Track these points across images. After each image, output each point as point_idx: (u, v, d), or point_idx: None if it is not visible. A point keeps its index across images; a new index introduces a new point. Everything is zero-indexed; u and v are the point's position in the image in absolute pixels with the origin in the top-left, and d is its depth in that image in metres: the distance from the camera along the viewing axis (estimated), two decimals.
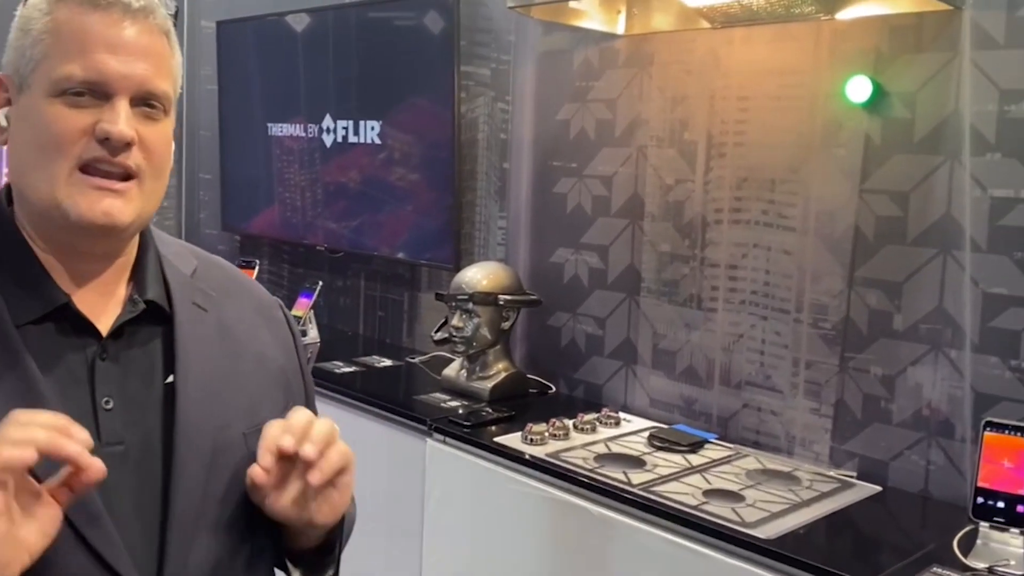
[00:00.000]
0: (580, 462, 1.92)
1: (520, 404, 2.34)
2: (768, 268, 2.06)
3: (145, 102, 0.88)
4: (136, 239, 0.96)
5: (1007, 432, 1.54)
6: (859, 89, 1.86)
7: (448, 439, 2.12)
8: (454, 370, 2.47)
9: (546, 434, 2.05)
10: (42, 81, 0.85)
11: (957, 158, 1.76)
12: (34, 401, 0.81)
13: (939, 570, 1.47)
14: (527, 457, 1.95)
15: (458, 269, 2.53)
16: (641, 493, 1.75)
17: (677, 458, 1.98)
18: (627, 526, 1.74)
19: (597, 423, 2.17)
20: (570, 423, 2.12)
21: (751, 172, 2.08)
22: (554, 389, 2.50)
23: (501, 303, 2.35)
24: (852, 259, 1.92)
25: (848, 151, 1.91)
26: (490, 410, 2.26)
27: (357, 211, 3.00)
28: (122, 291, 0.94)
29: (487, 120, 2.67)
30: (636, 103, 2.29)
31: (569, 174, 2.45)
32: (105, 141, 0.85)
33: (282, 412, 0.92)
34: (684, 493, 1.77)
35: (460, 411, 2.25)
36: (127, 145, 0.86)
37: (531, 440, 2.02)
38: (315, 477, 0.86)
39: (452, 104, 2.60)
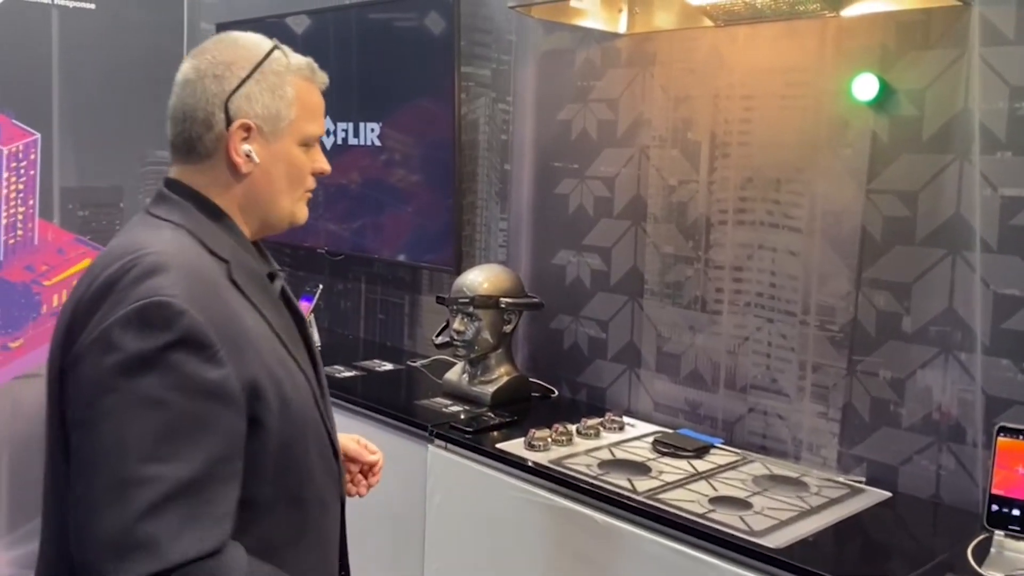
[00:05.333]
0: (584, 469, 1.89)
1: (522, 408, 2.31)
2: (774, 270, 2.03)
3: None
4: None
5: (1021, 438, 1.51)
6: (866, 87, 1.82)
7: (450, 445, 2.09)
8: (456, 374, 2.44)
9: (549, 440, 2.01)
10: (295, 134, 1.22)
11: (967, 157, 1.73)
12: (291, 327, 1.25)
13: None
14: (530, 464, 1.91)
15: (459, 272, 2.50)
16: (646, 501, 1.72)
17: (682, 464, 1.95)
18: (632, 535, 1.71)
19: (601, 428, 2.14)
20: (573, 428, 2.09)
21: (756, 172, 2.05)
22: (556, 393, 2.47)
23: (502, 306, 2.32)
24: (859, 260, 1.89)
25: (855, 150, 1.88)
26: (492, 415, 2.22)
27: (358, 213, 2.97)
28: None
29: (488, 121, 2.64)
30: (638, 103, 2.25)
31: (571, 175, 2.42)
32: (318, 174, 1.27)
33: None
34: (690, 501, 1.73)
35: (462, 416, 2.22)
36: None
37: (534, 446, 1.99)
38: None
39: (452, 105, 2.57)
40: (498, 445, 2.01)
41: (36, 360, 3.53)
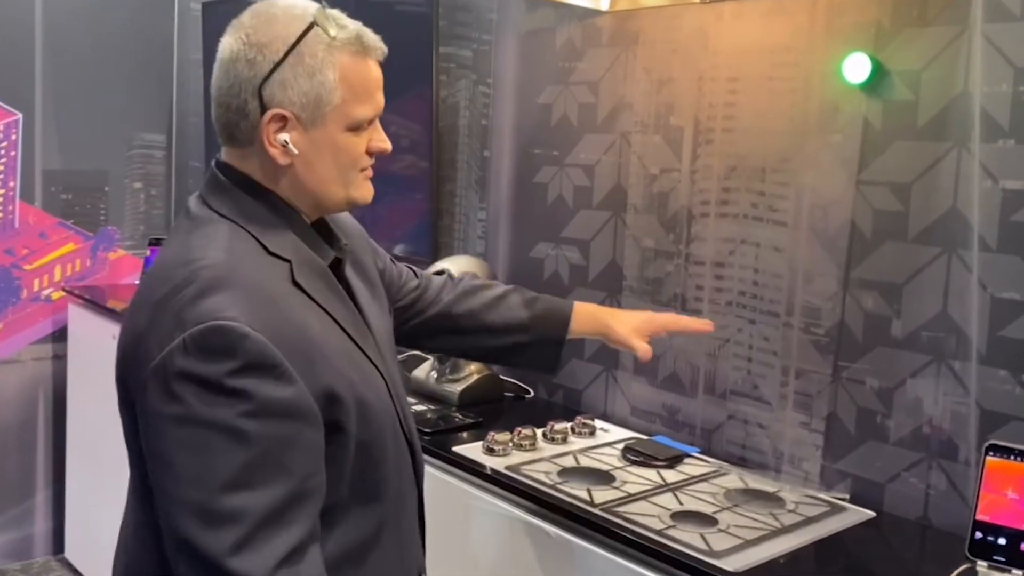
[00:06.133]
0: (542, 476, 1.75)
1: (492, 409, 2.17)
2: (757, 266, 1.87)
3: None
4: None
5: (1013, 457, 1.35)
6: (857, 68, 1.66)
7: None
8: (424, 371, 2.30)
9: (510, 444, 1.87)
10: (341, 119, 1.10)
11: (965, 145, 1.56)
12: (356, 318, 1.16)
13: None
14: (486, 470, 1.78)
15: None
16: (600, 514, 1.58)
17: (651, 474, 1.80)
18: (585, 550, 1.57)
19: (570, 432, 1.99)
20: (539, 432, 1.95)
21: (740, 160, 1.90)
22: (532, 394, 2.33)
23: None
24: (848, 258, 1.73)
25: (845, 137, 1.72)
26: (458, 416, 2.09)
27: None
28: None
29: (468, 105, 2.50)
30: (620, 85, 2.11)
31: (551, 162, 2.28)
32: (377, 153, 1.16)
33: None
34: (650, 515, 1.59)
35: (427, 416, 2.09)
36: None
37: (492, 450, 1.85)
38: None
39: (431, 88, 2.43)
40: (455, 448, 1.88)
41: (15, 345, 3.45)
